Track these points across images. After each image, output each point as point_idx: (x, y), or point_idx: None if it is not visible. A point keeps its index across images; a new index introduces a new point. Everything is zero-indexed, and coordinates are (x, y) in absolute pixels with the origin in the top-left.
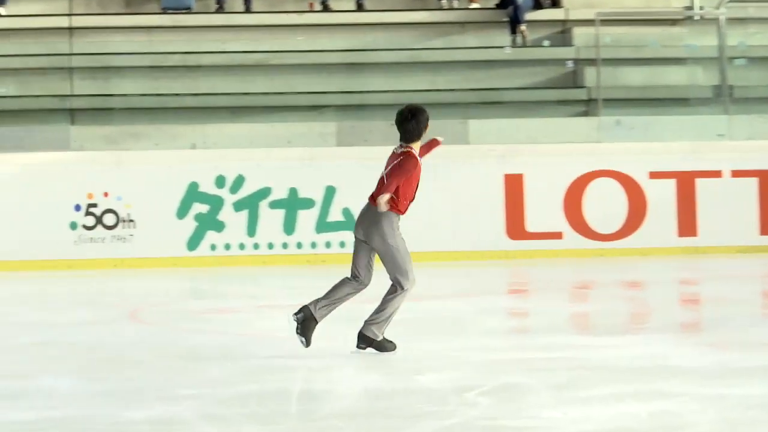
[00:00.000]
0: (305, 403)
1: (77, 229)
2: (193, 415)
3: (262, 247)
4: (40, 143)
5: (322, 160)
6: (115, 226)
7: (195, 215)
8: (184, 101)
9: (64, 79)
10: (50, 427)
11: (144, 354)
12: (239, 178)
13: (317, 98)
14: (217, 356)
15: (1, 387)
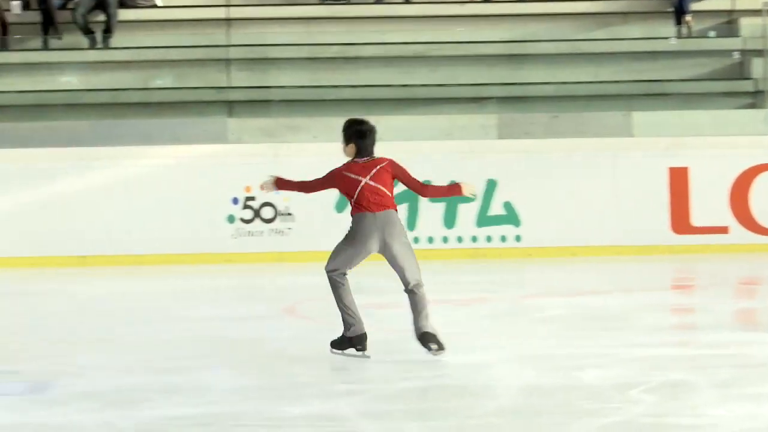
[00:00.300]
0: (465, 399)
1: (235, 222)
2: (352, 411)
3: (422, 241)
4: (197, 136)
5: (483, 153)
6: (273, 220)
7: None
8: (342, 93)
9: (222, 71)
10: (208, 423)
11: (302, 350)
12: None
13: (478, 90)
14: (377, 351)
15: (159, 382)
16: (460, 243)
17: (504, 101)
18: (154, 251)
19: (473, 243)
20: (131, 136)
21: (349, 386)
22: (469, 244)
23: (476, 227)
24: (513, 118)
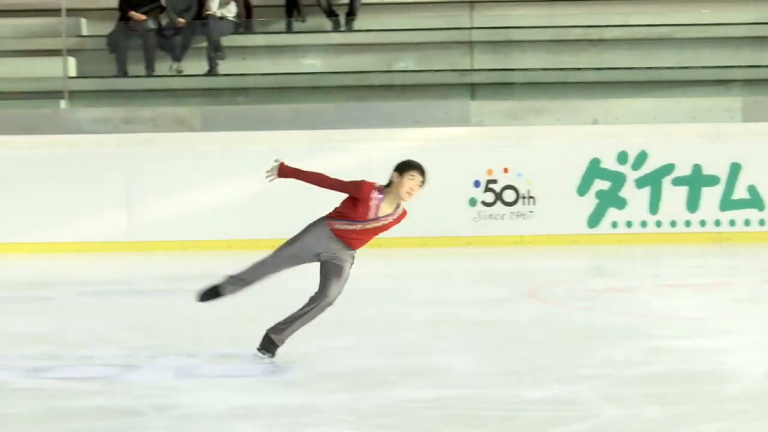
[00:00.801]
0: (707, 384)
1: (476, 205)
2: (592, 395)
3: (664, 224)
4: (440, 118)
5: (727, 136)
6: (515, 203)
7: (596, 192)
8: (586, 76)
9: (465, 54)
10: (448, 406)
11: (543, 333)
12: (642, 154)
13: (723, 72)
14: (617, 336)
15: (401, 364)
16: (703, 227)
17: (749, 84)
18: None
19: (716, 227)
20: (374, 118)
21: (590, 370)
22: (712, 228)
23: (720, 211)
24: (758, 101)
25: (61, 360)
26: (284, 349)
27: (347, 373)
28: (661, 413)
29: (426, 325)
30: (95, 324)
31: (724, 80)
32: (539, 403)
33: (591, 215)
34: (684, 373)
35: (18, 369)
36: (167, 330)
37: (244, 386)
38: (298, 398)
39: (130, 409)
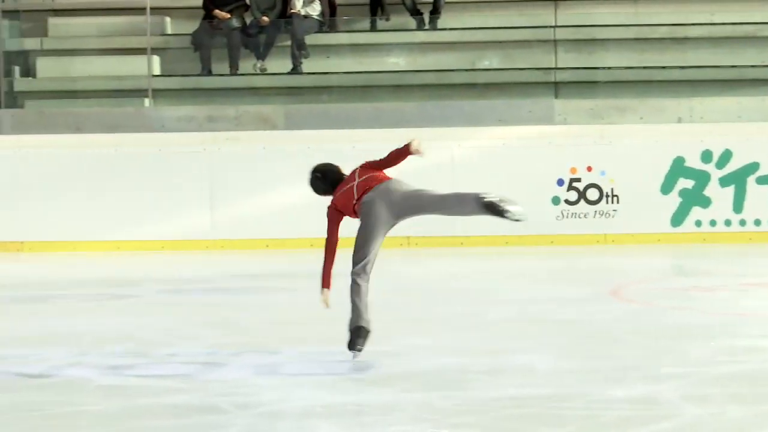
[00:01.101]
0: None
1: (559, 204)
2: (675, 395)
3: (748, 223)
4: (523, 117)
5: None
6: (598, 202)
7: (680, 191)
8: (670, 74)
9: (549, 52)
10: (529, 404)
11: (626, 332)
12: (726, 152)
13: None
14: (700, 335)
15: (482, 363)
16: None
17: None
18: (479, 233)
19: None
20: (457, 117)
21: (673, 369)
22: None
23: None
24: None
25: (143, 358)
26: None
27: (428, 371)
28: (743, 413)
29: (508, 323)
30: (178, 322)
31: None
32: (621, 402)
33: (674, 214)
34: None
35: (100, 367)
36: (250, 328)
37: (325, 385)
38: (379, 397)
39: (212, 406)
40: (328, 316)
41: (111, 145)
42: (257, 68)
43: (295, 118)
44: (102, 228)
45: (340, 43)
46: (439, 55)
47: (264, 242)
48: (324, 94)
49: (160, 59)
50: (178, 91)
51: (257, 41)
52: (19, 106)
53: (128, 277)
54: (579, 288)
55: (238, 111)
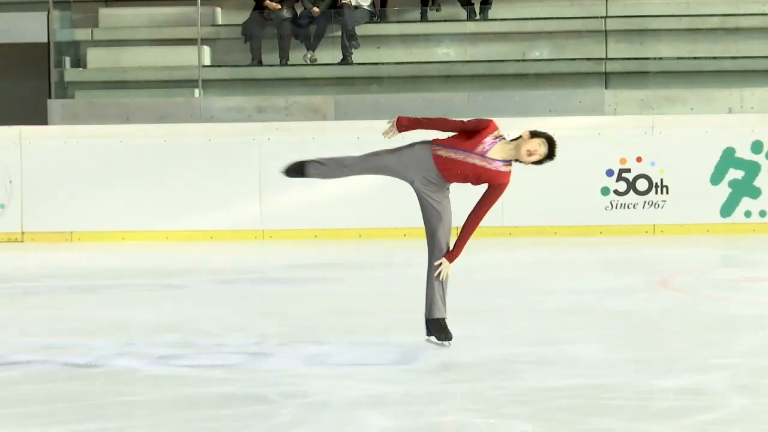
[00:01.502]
0: None
1: (609, 194)
2: (723, 385)
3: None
4: (573, 107)
5: None
6: (647, 192)
7: (729, 181)
8: (721, 64)
9: (599, 42)
10: (577, 395)
11: (674, 323)
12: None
13: None
14: (749, 326)
15: (529, 353)
16: None
17: None
18: (527, 223)
19: None
20: (508, 107)
21: (721, 360)
22: None
23: None
24: None
25: (191, 348)
26: (413, 338)
27: (477, 362)
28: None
29: (557, 314)
30: (226, 312)
31: None
32: (669, 393)
33: (724, 204)
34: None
35: (149, 357)
36: (298, 318)
37: (373, 375)
38: (427, 387)
39: (259, 396)
40: (376, 306)
41: (161, 135)
42: (307, 59)
43: (344, 108)
44: (151, 218)
45: (391, 33)
46: (489, 45)
47: (313, 232)
48: (374, 85)
49: (210, 50)
50: (228, 82)
51: (307, 32)
52: (70, 96)
53: (177, 268)
54: (627, 278)
55: (288, 101)
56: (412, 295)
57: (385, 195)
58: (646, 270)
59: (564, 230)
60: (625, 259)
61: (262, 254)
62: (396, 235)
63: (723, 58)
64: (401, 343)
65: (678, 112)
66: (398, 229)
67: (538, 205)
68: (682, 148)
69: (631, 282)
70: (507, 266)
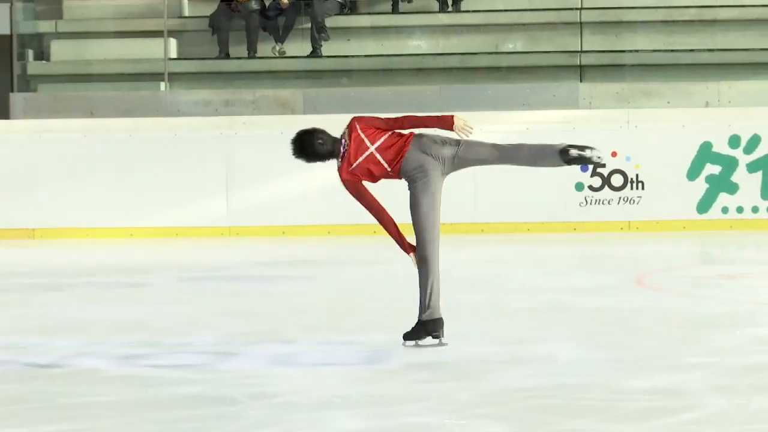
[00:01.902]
0: None
1: (583, 190)
2: (700, 385)
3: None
4: (547, 101)
5: None
6: (622, 188)
7: (706, 177)
8: (698, 57)
9: (574, 35)
10: (550, 395)
11: (650, 321)
12: (754, 137)
13: None
14: (726, 324)
15: (502, 352)
16: None
17: None
18: (499, 219)
19: None
20: (480, 101)
21: (697, 359)
22: None
23: None
24: None
25: (156, 347)
26: (384, 337)
27: (448, 361)
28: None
29: (530, 312)
30: (192, 310)
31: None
32: (644, 393)
33: (701, 200)
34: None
35: (112, 356)
36: (266, 317)
37: (342, 375)
38: (397, 387)
39: (225, 397)
40: (346, 305)
41: (126, 129)
42: (276, 51)
43: (314, 102)
44: (115, 214)
45: (361, 25)
46: (461, 37)
47: (280, 229)
48: (344, 78)
49: (176, 42)
50: (194, 75)
51: (276, 24)
52: (33, 90)
53: (141, 265)
54: (602, 276)
55: (256, 95)
56: (382, 293)
57: None
58: (621, 267)
59: (537, 227)
60: (599, 256)
61: (228, 251)
62: (366, 231)
63: (700, 51)
64: (371, 342)
65: (654, 105)
66: (368, 225)
67: (510, 201)
68: (658, 142)
69: (606, 280)
70: (479, 263)
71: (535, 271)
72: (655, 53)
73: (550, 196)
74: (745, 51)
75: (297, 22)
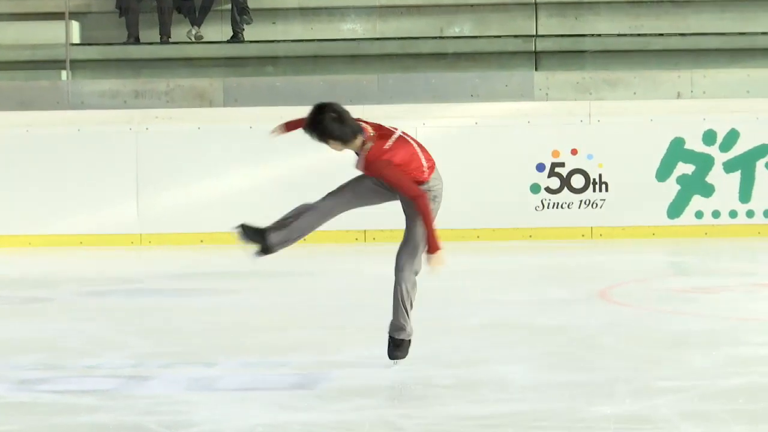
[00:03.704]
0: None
1: (540, 192)
2: (671, 411)
3: (757, 215)
4: (498, 91)
5: None
6: (584, 190)
7: (678, 177)
8: (668, 42)
9: (529, 17)
10: (503, 424)
11: (615, 340)
12: (732, 133)
13: None
14: (701, 343)
15: (449, 375)
16: None
17: None
18: (447, 225)
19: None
20: (423, 91)
21: (669, 383)
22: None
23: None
24: None
25: (59, 370)
26: (315, 358)
27: (388, 385)
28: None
29: (479, 330)
30: (99, 328)
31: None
32: (609, 421)
33: (672, 204)
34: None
35: (9, 380)
36: (182, 336)
37: (268, 401)
38: (331, 415)
39: (137, 426)
40: (273, 322)
41: (23, 124)
42: (192, 36)
43: (235, 92)
44: (10, 221)
45: (288, 6)
46: (402, 20)
47: (198, 237)
48: (269, 66)
49: (79, 25)
50: (100, 62)
51: (192, 5)
52: None
53: (41, 278)
54: (562, 289)
55: (170, 85)
56: (312, 310)
57: (283, 194)
58: (582, 279)
59: (488, 234)
60: (558, 266)
61: (140, 262)
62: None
63: (670, 35)
64: (301, 364)
65: (619, 97)
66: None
67: (458, 205)
68: (624, 138)
69: (566, 293)
70: (422, 275)
71: (485, 284)
72: (620, 38)
73: (503, 200)
74: (720, 35)
75: (216, 3)
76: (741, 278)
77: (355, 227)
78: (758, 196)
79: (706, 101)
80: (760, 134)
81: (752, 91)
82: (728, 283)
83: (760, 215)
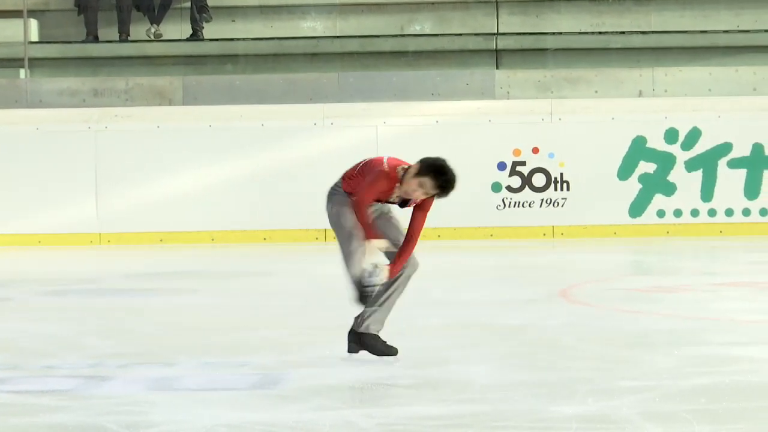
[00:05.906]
0: (763, 399)
1: (501, 191)
2: (633, 411)
3: (719, 213)
4: (459, 90)
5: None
6: (545, 188)
7: (640, 176)
8: (630, 41)
9: (489, 15)
10: (465, 424)
11: (577, 340)
12: (694, 131)
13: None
14: (663, 343)
15: (410, 375)
16: (765, 217)
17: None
18: (405, 224)
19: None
20: (383, 90)
21: (631, 383)
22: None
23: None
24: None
25: (17, 370)
26: (276, 358)
27: (349, 385)
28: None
29: (440, 330)
30: (58, 329)
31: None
32: (571, 421)
33: (634, 203)
34: (741, 386)
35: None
36: (141, 336)
37: (229, 401)
38: (291, 415)
39: (96, 427)
40: (233, 322)
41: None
42: (151, 34)
43: (194, 91)
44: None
45: (248, 4)
46: (362, 18)
47: (158, 236)
48: (228, 64)
49: (38, 23)
50: (58, 61)
51: (151, 3)
52: None
53: (0, 277)
54: (523, 289)
55: (129, 83)
56: (273, 309)
57: (243, 193)
58: (544, 279)
59: (448, 233)
60: (519, 266)
61: (99, 261)
62: (255, 239)
63: (632, 33)
64: (262, 364)
65: (580, 95)
66: (257, 232)
67: None
68: (585, 137)
69: (527, 293)
70: None
71: (446, 284)
72: (582, 36)
73: (463, 198)
74: (682, 34)
75: (175, 1)
76: (703, 278)
77: (315, 227)
78: (720, 195)
79: (667, 99)
80: (722, 133)
81: (714, 90)
82: (690, 283)
83: (721, 214)
